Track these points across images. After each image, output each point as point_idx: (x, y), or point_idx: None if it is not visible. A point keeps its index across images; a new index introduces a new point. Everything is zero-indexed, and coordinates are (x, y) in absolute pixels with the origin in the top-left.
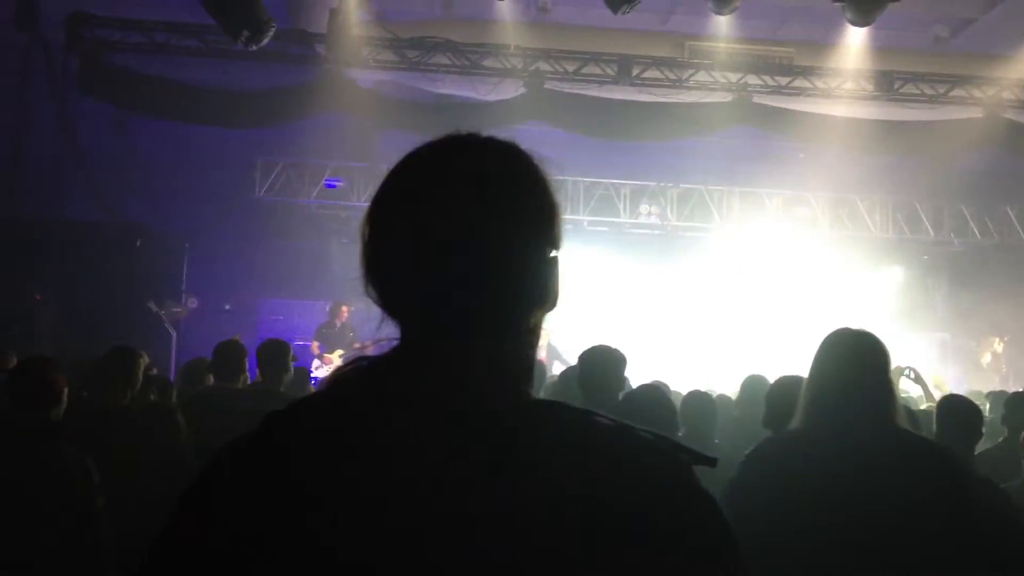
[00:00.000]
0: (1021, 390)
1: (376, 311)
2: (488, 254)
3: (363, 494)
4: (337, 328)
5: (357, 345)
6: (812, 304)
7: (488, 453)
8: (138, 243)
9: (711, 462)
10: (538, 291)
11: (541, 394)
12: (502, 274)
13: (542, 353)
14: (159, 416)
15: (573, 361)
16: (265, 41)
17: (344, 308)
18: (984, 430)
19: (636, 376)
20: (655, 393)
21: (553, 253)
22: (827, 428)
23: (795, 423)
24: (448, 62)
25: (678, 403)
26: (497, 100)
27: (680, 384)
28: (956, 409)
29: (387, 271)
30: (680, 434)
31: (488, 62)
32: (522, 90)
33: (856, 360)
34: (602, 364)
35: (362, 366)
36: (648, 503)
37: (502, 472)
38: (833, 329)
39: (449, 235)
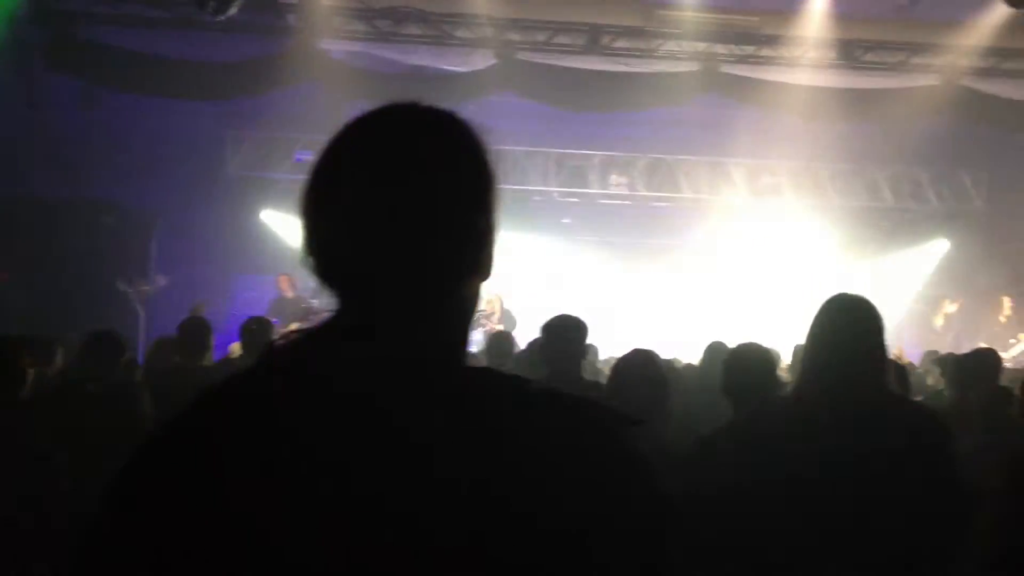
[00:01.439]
0: (965, 352)
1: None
2: (419, 225)
3: (289, 473)
4: (289, 300)
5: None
6: (775, 274)
7: (415, 422)
8: (106, 220)
9: (636, 423)
10: (471, 261)
11: (511, 364)
12: (434, 244)
13: (495, 320)
14: (123, 395)
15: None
16: (232, 11)
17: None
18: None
19: (608, 345)
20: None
21: (487, 222)
22: (826, 391)
23: (793, 385)
24: (419, 32)
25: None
26: (469, 71)
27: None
28: None
29: (321, 243)
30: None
31: (460, 32)
32: (493, 61)
33: (853, 324)
34: (563, 333)
35: (294, 339)
36: (574, 470)
37: (431, 440)
38: (831, 294)
39: (378, 206)
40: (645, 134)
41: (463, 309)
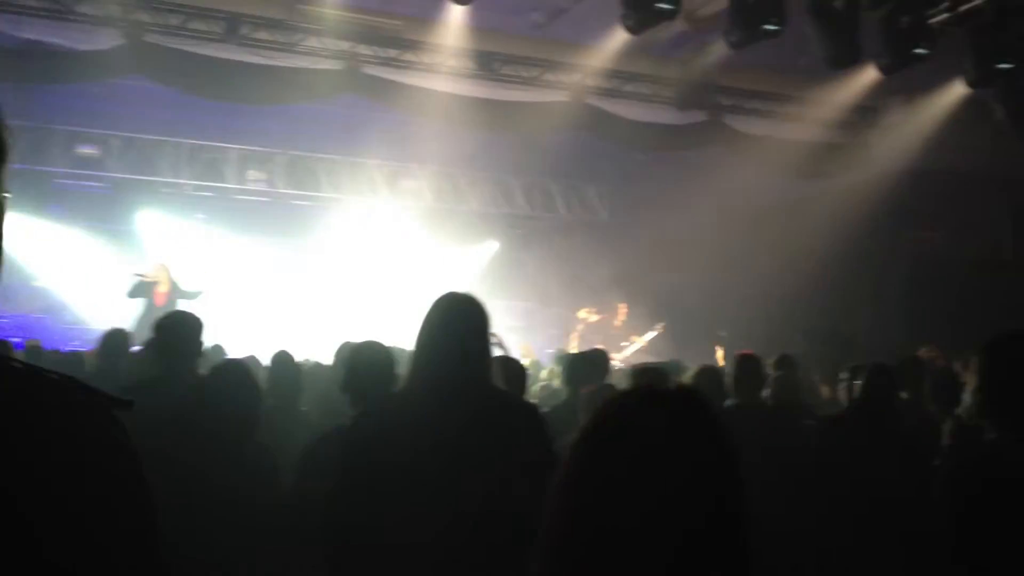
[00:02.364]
0: (580, 352)
1: None
2: None
3: None
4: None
5: None
6: (413, 274)
7: None
8: None
9: (127, 405)
10: None
11: (124, 363)
12: None
13: (163, 291)
14: None
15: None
16: None
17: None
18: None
19: (233, 345)
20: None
21: None
22: (433, 387)
23: (404, 382)
24: (35, 4)
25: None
26: (91, 50)
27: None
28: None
29: None
30: (269, 403)
31: (83, 8)
32: (120, 41)
33: (460, 322)
34: (177, 330)
35: None
36: (53, 449)
37: None
38: (441, 293)
39: None
40: (286, 130)
41: None
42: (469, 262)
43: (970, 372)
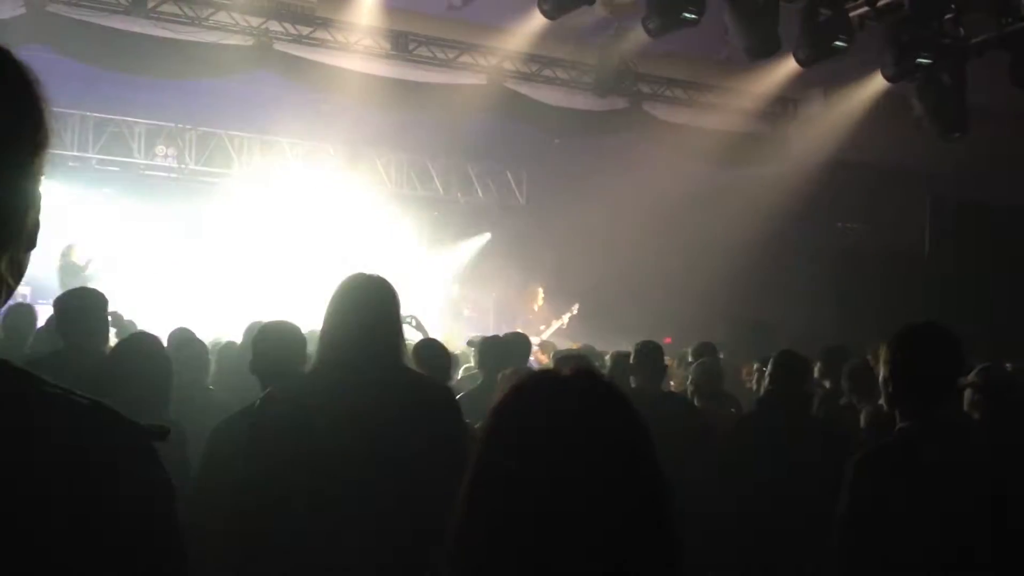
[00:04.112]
0: (490, 336)
1: None
2: None
3: None
4: None
5: None
6: (325, 255)
7: None
8: None
9: (162, 435)
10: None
11: (31, 340)
12: None
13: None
14: None
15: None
16: None
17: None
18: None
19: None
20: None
21: (36, 184)
22: (341, 367)
23: (314, 362)
24: None
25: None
26: None
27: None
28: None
29: None
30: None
31: None
32: (21, 10)
33: (369, 304)
34: (78, 306)
35: None
36: (84, 484)
37: None
38: (348, 275)
39: None
40: (196, 106)
41: None
42: (383, 245)
43: (881, 362)
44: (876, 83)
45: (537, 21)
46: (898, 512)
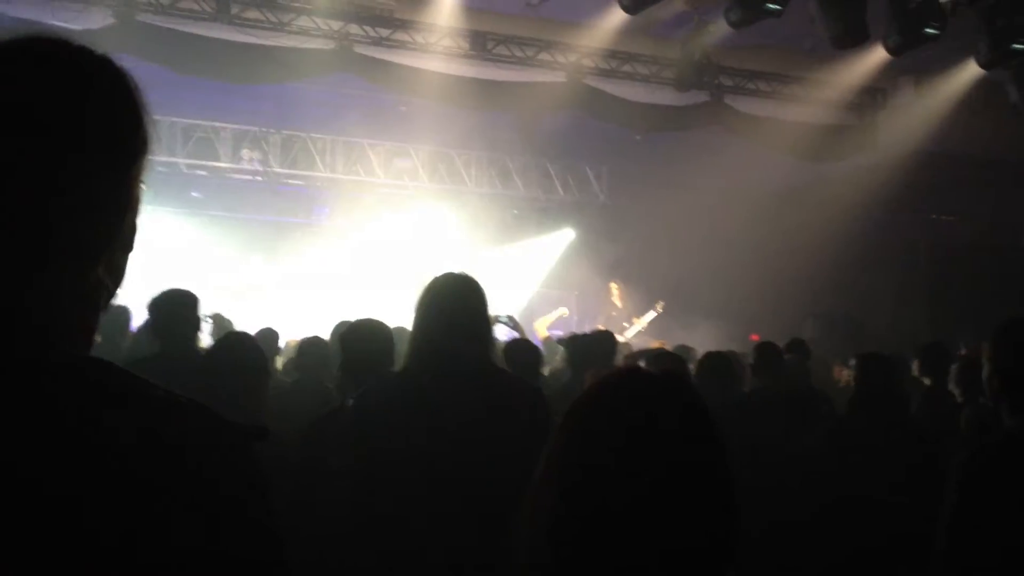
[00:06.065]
0: (583, 333)
1: None
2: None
3: None
4: None
5: None
6: (410, 255)
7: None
8: None
9: (262, 435)
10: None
11: (127, 343)
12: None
13: None
14: None
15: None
16: None
17: None
18: None
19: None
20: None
21: (135, 188)
22: (432, 366)
23: (403, 362)
24: None
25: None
26: (82, 29)
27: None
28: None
29: None
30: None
31: None
32: (111, 21)
33: (457, 302)
34: (172, 308)
35: None
36: (186, 487)
37: (35, 433)
38: (436, 274)
39: None
40: (279, 109)
41: (96, 287)
42: (464, 243)
43: (983, 358)
44: (970, 70)
45: (616, 16)
46: (1009, 513)
